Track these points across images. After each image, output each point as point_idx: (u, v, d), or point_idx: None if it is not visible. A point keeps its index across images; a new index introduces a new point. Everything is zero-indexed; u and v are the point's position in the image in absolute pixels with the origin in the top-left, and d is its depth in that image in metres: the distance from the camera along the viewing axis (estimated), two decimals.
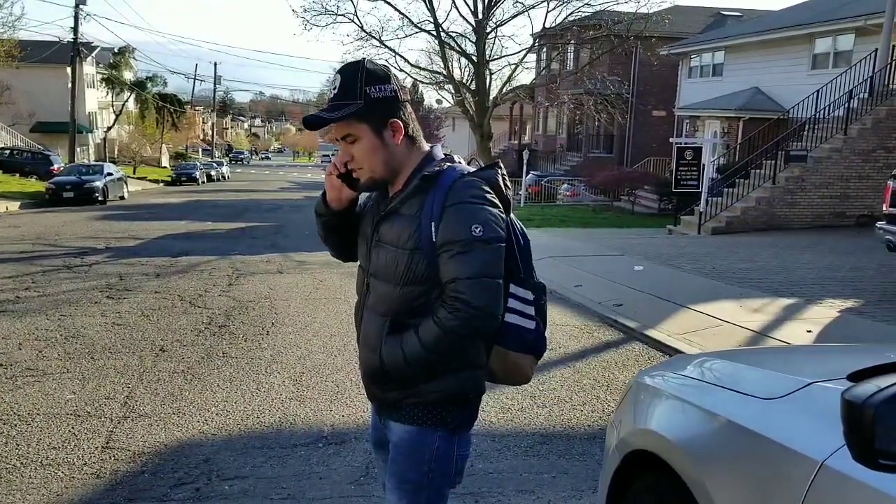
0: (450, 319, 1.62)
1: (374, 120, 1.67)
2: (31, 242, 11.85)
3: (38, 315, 6.57)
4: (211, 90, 62.91)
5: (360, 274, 1.84)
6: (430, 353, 1.66)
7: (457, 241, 1.60)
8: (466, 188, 1.65)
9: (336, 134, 1.70)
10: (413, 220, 1.67)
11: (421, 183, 1.67)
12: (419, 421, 1.73)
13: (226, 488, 3.27)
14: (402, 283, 1.68)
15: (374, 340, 1.74)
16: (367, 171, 1.71)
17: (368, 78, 1.66)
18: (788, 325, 6.40)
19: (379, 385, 1.77)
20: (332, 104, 1.67)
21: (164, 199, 24.35)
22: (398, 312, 1.70)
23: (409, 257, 1.66)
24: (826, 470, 1.29)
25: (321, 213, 1.87)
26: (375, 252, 1.74)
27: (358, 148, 1.68)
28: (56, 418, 4.07)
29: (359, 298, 1.85)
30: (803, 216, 14.35)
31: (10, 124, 33.75)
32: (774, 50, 19.28)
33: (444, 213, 1.62)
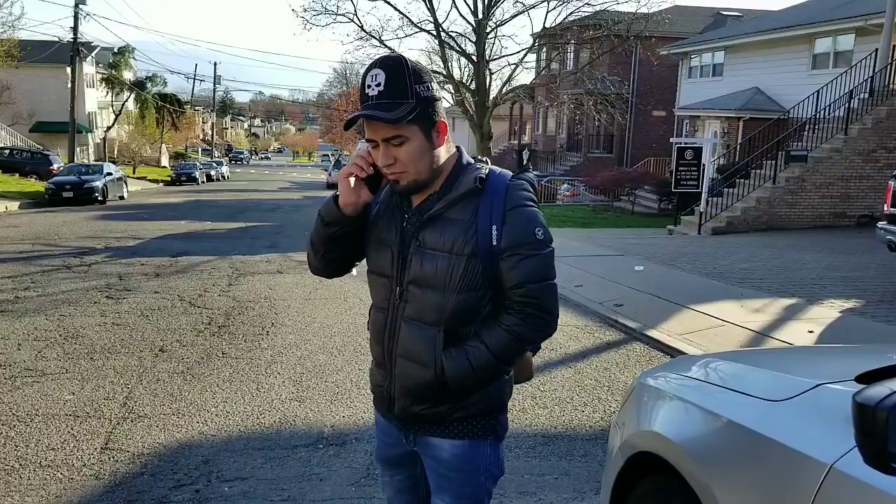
0: (520, 325, 1.60)
1: (424, 121, 1.58)
2: (31, 242, 11.83)
3: (38, 315, 6.54)
4: (211, 90, 62.92)
5: (384, 283, 1.71)
6: (501, 363, 1.63)
7: (523, 245, 1.58)
8: (521, 191, 1.62)
9: (382, 135, 1.57)
10: (467, 224, 1.60)
11: (475, 187, 1.60)
12: (470, 434, 1.68)
13: (226, 490, 3.25)
14: (457, 291, 1.60)
15: (425, 354, 1.63)
16: (413, 174, 1.61)
17: (416, 76, 1.57)
18: (790, 326, 6.38)
19: (429, 401, 1.67)
20: (381, 102, 1.54)
21: (164, 199, 24.32)
22: (452, 321, 1.62)
23: (466, 263, 1.59)
24: (835, 473, 1.28)
25: (332, 222, 1.68)
26: (417, 259, 1.63)
27: (405, 150, 1.58)
28: (55, 419, 4.05)
29: (386, 309, 1.71)
30: (804, 216, 14.33)
31: (10, 124, 33.74)
32: (774, 50, 19.27)
33: (506, 217, 1.58)
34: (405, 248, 1.66)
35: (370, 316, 1.81)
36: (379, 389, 1.78)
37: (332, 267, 1.82)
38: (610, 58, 24.18)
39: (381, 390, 1.77)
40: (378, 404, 1.84)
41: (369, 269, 1.78)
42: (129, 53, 42.80)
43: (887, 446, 1.05)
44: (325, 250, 1.75)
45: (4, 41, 26.35)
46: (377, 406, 1.85)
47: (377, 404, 1.84)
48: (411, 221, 1.67)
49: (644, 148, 27.36)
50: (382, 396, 1.77)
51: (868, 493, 1.21)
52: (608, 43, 21.35)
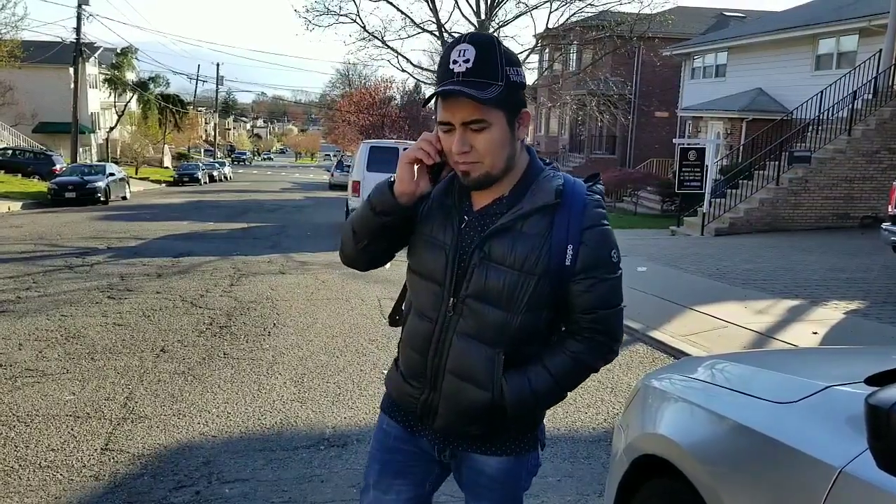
0: (587, 353, 1.52)
1: (510, 107, 1.44)
2: (33, 242, 11.83)
3: (39, 315, 6.53)
4: (213, 91, 63.01)
5: (433, 289, 1.55)
6: (563, 390, 1.56)
7: (599, 268, 1.47)
8: (598, 208, 1.51)
9: (462, 117, 1.41)
10: (541, 240, 1.46)
11: (554, 200, 1.47)
12: (517, 450, 1.62)
13: (226, 491, 3.23)
14: (523, 311, 1.48)
15: (482, 374, 1.51)
16: (488, 165, 1.45)
17: (507, 57, 1.43)
18: (794, 327, 6.35)
19: (481, 422, 1.56)
20: (469, 80, 1.39)
21: (166, 200, 24.34)
22: (514, 342, 1.51)
23: (536, 282, 1.46)
24: (845, 477, 1.25)
25: (385, 211, 1.52)
26: (480, 272, 1.48)
27: (486, 138, 1.42)
28: (55, 420, 4.04)
29: (434, 320, 1.55)
30: (807, 217, 14.29)
31: (13, 124, 33.83)
32: (778, 51, 19.24)
33: (584, 237, 1.46)
34: (465, 256, 1.51)
35: (407, 320, 1.65)
36: (409, 400, 1.64)
37: (371, 259, 1.66)
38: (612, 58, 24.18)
39: (413, 402, 1.62)
40: (400, 413, 1.70)
41: (413, 270, 1.62)
42: (131, 54, 42.87)
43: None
44: (369, 241, 1.59)
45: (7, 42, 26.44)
46: (394, 414, 1.71)
47: (395, 413, 1.70)
48: (472, 226, 1.52)
49: (647, 149, 27.33)
50: (413, 408, 1.63)
51: (880, 497, 1.18)
52: (611, 44, 21.36)
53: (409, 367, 1.63)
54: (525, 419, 1.58)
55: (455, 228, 1.53)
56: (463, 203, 1.55)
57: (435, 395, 1.57)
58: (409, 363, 1.63)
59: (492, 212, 1.52)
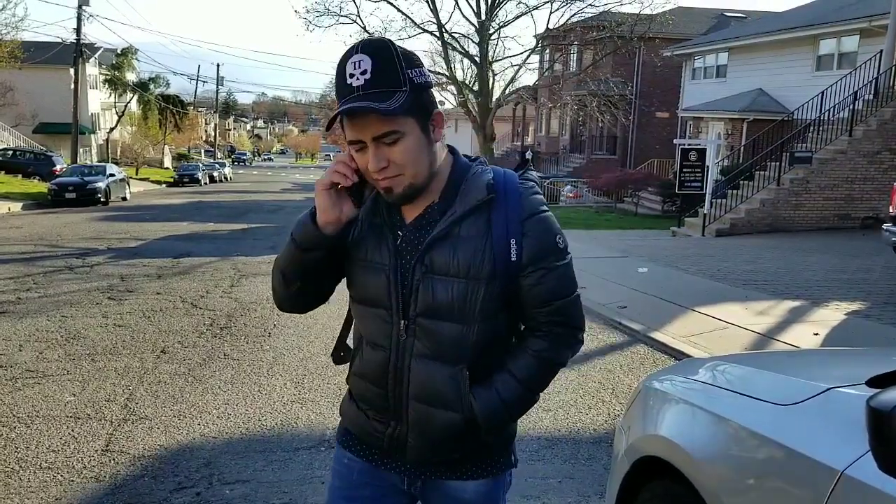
0: (552, 348, 1.44)
1: (420, 112, 1.35)
2: (33, 243, 11.83)
3: (39, 316, 6.53)
4: (214, 91, 63.02)
5: (380, 315, 1.44)
6: (533, 393, 1.47)
7: (547, 258, 1.40)
8: (535, 195, 1.43)
9: (372, 132, 1.32)
10: (482, 240, 1.38)
11: (486, 196, 1.39)
12: (493, 471, 1.53)
13: (227, 492, 3.23)
14: (479, 319, 1.39)
15: (449, 395, 1.41)
16: (410, 177, 1.36)
17: (407, 59, 1.33)
18: (795, 328, 6.35)
19: (455, 446, 1.46)
20: (370, 93, 1.29)
21: (167, 200, 24.34)
22: (476, 355, 1.42)
23: (486, 287, 1.38)
24: (846, 479, 1.25)
25: (310, 246, 1.40)
26: (426, 287, 1.39)
27: (401, 149, 1.33)
28: (56, 421, 4.04)
29: (387, 347, 1.45)
30: (808, 218, 14.29)
31: (13, 125, 33.82)
32: (778, 51, 19.23)
33: (525, 228, 1.39)
34: (407, 273, 1.41)
35: (358, 353, 1.53)
36: (374, 436, 1.52)
37: (309, 300, 1.54)
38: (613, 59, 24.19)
39: (379, 437, 1.51)
40: (362, 449, 1.57)
41: (356, 299, 1.51)
42: (131, 55, 42.87)
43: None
44: (303, 282, 1.46)
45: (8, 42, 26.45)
46: (355, 449, 1.58)
47: (358, 449, 1.58)
48: (408, 240, 1.42)
49: (647, 149, 27.33)
50: (380, 444, 1.52)
51: (881, 499, 1.18)
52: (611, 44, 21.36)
53: (368, 402, 1.52)
54: (501, 435, 1.50)
55: (391, 247, 1.43)
56: (394, 218, 1.45)
57: (402, 427, 1.47)
58: (367, 397, 1.52)
59: (425, 221, 1.42)
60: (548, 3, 20.86)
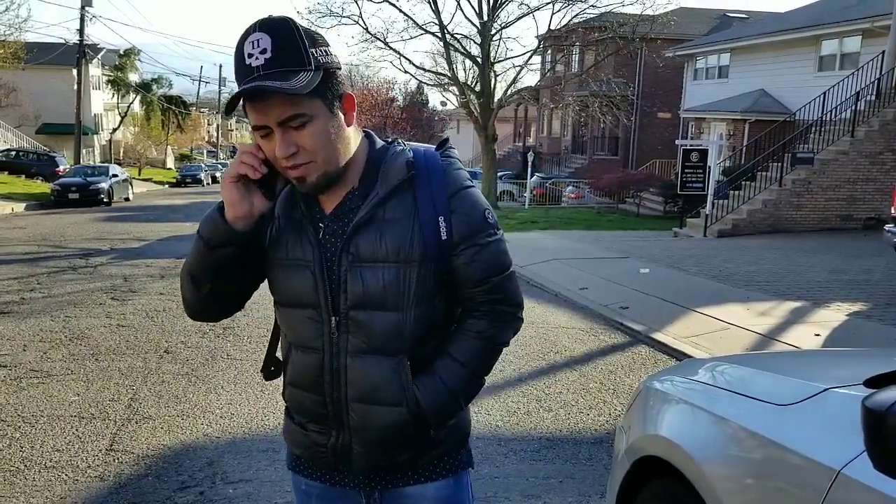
0: (492, 327, 1.38)
1: (327, 94, 1.26)
2: (37, 244, 11.87)
3: (43, 316, 6.56)
4: (216, 92, 63.11)
5: (308, 315, 1.35)
6: (479, 377, 1.40)
7: (478, 234, 1.34)
8: (458, 170, 1.37)
9: (277, 116, 1.22)
10: (409, 221, 1.31)
11: (407, 174, 1.32)
12: (452, 469, 1.44)
13: (230, 492, 3.25)
14: (414, 306, 1.32)
15: (390, 390, 1.33)
16: (322, 164, 1.27)
17: (310, 38, 1.25)
18: (796, 329, 6.35)
19: (404, 445, 1.37)
20: (271, 72, 1.20)
21: (170, 201, 24.40)
22: (414, 342, 1.34)
23: (419, 270, 1.31)
24: (843, 479, 1.26)
25: (220, 243, 1.30)
26: (355, 277, 1.31)
27: (311, 133, 1.24)
28: (60, 420, 4.06)
29: (319, 349, 1.35)
30: (810, 219, 14.29)
31: (16, 126, 33.94)
32: (781, 52, 19.23)
33: (452, 204, 1.33)
34: (332, 266, 1.32)
35: (288, 361, 1.43)
36: (319, 451, 1.42)
37: (222, 305, 1.42)
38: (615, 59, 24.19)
39: (322, 451, 1.41)
40: (313, 470, 1.47)
41: (281, 302, 1.41)
42: (134, 55, 42.97)
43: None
44: (213, 283, 1.35)
45: (11, 43, 26.51)
46: (306, 472, 1.48)
47: (310, 471, 1.48)
48: (330, 231, 1.34)
49: (649, 150, 27.34)
50: (325, 458, 1.42)
51: (877, 499, 1.20)
52: (613, 45, 21.35)
53: (305, 413, 1.42)
54: (452, 427, 1.42)
55: (312, 240, 1.33)
56: (313, 210, 1.36)
57: (344, 435, 1.37)
58: (304, 408, 1.41)
59: (346, 209, 1.34)
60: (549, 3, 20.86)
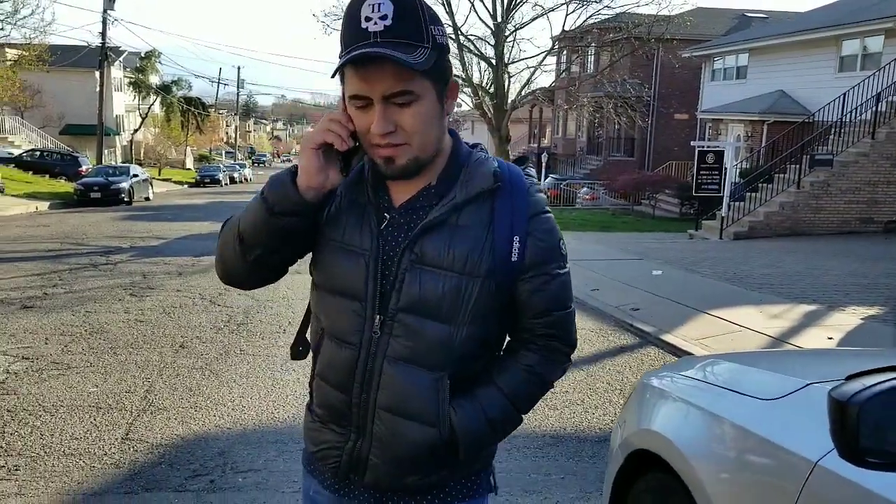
0: (544, 364, 1.29)
1: (439, 76, 1.17)
2: (59, 241, 12.10)
3: (65, 311, 6.72)
4: (234, 94, 63.72)
5: (352, 307, 1.24)
6: (520, 413, 1.30)
7: (552, 263, 1.25)
8: (539, 193, 1.28)
9: (384, 89, 1.12)
10: (483, 233, 1.20)
11: (492, 184, 1.22)
12: (469, 495, 1.32)
13: (239, 480, 3.34)
14: (468, 322, 1.21)
15: (424, 407, 1.21)
16: (417, 148, 1.17)
17: (430, 14, 1.14)
18: (809, 332, 6.32)
19: (427, 468, 1.26)
20: (391, 41, 1.09)
21: (188, 201, 24.70)
22: (459, 362, 1.23)
23: (481, 286, 1.20)
24: (820, 470, 1.30)
25: (285, 210, 1.19)
26: (413, 279, 1.20)
27: (413, 114, 1.14)
28: (79, 410, 4.18)
29: (357, 345, 1.24)
30: (829, 222, 14.14)
31: (41, 126, 34.57)
32: (800, 52, 19.04)
33: (531, 226, 1.22)
34: (390, 261, 1.22)
35: (319, 350, 1.32)
36: (332, 453, 1.30)
37: (263, 275, 1.33)
38: (631, 60, 24.05)
39: (336, 454, 1.29)
40: (322, 473, 1.35)
41: (322, 286, 1.30)
42: (155, 58, 43.48)
43: (859, 440, 1.08)
44: (263, 251, 1.25)
45: (36, 46, 26.95)
46: (318, 475, 1.36)
47: (320, 474, 1.36)
48: (395, 225, 1.23)
49: (666, 151, 27.18)
50: (336, 462, 1.29)
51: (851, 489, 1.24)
52: (628, 45, 21.25)
53: (327, 409, 1.31)
54: (478, 456, 1.30)
55: (374, 229, 1.23)
56: (380, 198, 1.25)
57: (364, 442, 1.26)
58: (327, 403, 1.30)
59: (418, 205, 1.23)
60: (564, 4, 20.81)
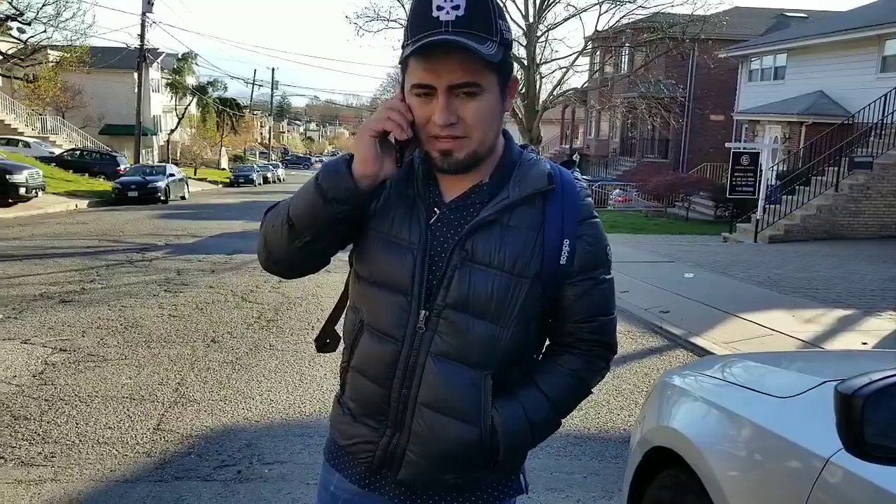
0: (587, 369, 1.29)
1: (503, 72, 1.17)
2: (98, 238, 12.45)
3: (101, 305, 6.92)
4: (269, 95, 64.64)
5: (397, 301, 1.23)
6: (560, 417, 1.31)
7: (597, 268, 1.25)
8: (588, 196, 1.28)
9: (450, 79, 1.11)
10: (534, 234, 1.21)
11: (547, 186, 1.22)
12: (502, 495, 1.33)
13: (265, 471, 3.42)
14: (514, 323, 1.21)
15: (466, 405, 1.21)
16: (476, 142, 1.16)
17: (497, 8, 1.13)
18: (842, 337, 6.19)
19: (466, 467, 1.25)
20: (461, 31, 1.09)
21: (222, 200, 25.17)
22: (501, 362, 1.23)
23: (529, 287, 1.20)
24: (831, 466, 1.30)
25: (339, 197, 1.16)
26: (463, 276, 1.20)
27: (476, 107, 1.13)
28: (113, 401, 4.32)
29: (399, 339, 1.23)
30: (867, 225, 13.78)
31: (81, 126, 35.62)
32: (841, 52, 18.58)
33: (581, 230, 1.23)
34: (437, 257, 1.21)
35: (356, 343, 1.30)
36: (364, 447, 1.29)
37: (306, 263, 1.32)
38: (665, 61, 23.77)
39: (370, 448, 1.28)
40: (350, 467, 1.34)
41: (365, 278, 1.29)
42: (191, 59, 44.39)
43: (863, 433, 1.08)
44: (313, 238, 1.23)
45: (77, 48, 27.72)
46: (343, 467, 1.35)
47: (345, 465, 1.34)
48: (444, 221, 1.22)
49: (701, 153, 26.78)
50: (369, 457, 1.29)
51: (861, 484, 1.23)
52: (663, 46, 21.00)
53: (364, 404, 1.30)
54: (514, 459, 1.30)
55: (423, 224, 1.22)
56: (430, 192, 1.24)
57: (401, 438, 1.25)
58: (364, 398, 1.29)
59: (469, 202, 1.23)
60: (597, 5, 20.66)
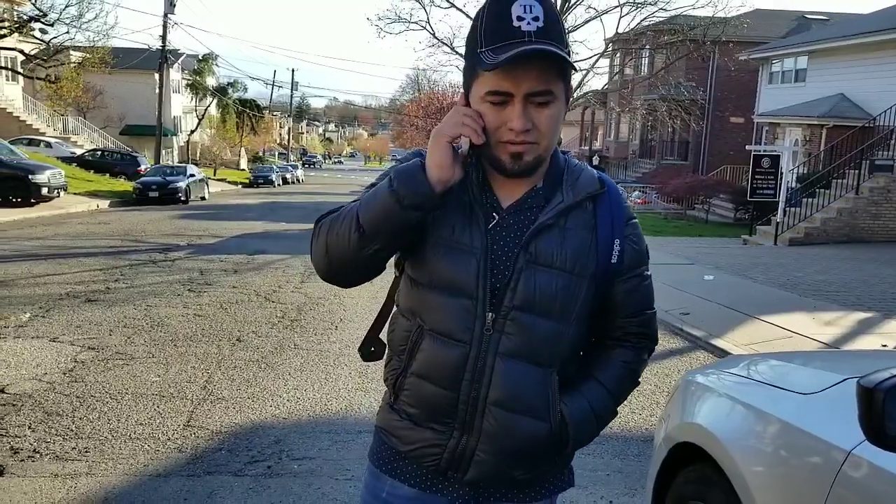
0: (638, 361, 1.37)
1: (568, 81, 1.23)
2: (120, 238, 12.66)
3: (127, 305, 7.07)
4: (288, 96, 65.17)
5: (462, 305, 1.26)
6: (617, 406, 1.37)
7: (642, 266, 1.35)
8: (626, 198, 1.38)
9: (529, 87, 1.16)
10: (589, 235, 1.28)
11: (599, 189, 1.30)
12: (554, 489, 1.40)
13: (295, 467, 3.51)
14: (575, 321, 1.28)
15: (537, 402, 1.27)
16: (542, 148, 1.22)
17: (562, 22, 1.21)
18: (862, 339, 6.17)
19: (535, 461, 1.32)
20: (542, 40, 1.13)
21: (242, 200, 25.43)
22: (563, 358, 1.30)
23: (588, 286, 1.28)
24: (853, 458, 1.35)
25: (415, 204, 1.17)
26: (528, 277, 1.25)
27: (548, 114, 1.19)
28: (143, 398, 4.43)
29: (468, 342, 1.26)
30: (888, 229, 13.65)
31: (102, 127, 36.15)
32: (863, 54, 18.40)
33: (627, 230, 1.32)
34: (498, 261, 1.26)
35: (419, 349, 1.33)
36: (430, 451, 1.33)
37: (372, 270, 1.32)
38: (685, 63, 23.69)
39: (435, 452, 1.32)
40: (411, 472, 1.38)
41: (424, 284, 1.31)
42: (212, 60, 44.86)
43: (884, 424, 1.13)
44: (383, 245, 1.24)
45: (99, 49, 28.07)
46: (399, 473, 1.39)
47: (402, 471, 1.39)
48: (503, 225, 1.26)
49: (721, 155, 26.62)
50: (436, 461, 1.32)
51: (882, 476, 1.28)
52: (683, 48, 20.91)
53: (428, 408, 1.33)
54: (577, 449, 1.37)
55: (482, 228, 1.26)
56: (487, 197, 1.28)
57: (470, 438, 1.29)
58: (428, 403, 1.32)
59: (526, 206, 1.28)
60: (617, 7, 20.62)
